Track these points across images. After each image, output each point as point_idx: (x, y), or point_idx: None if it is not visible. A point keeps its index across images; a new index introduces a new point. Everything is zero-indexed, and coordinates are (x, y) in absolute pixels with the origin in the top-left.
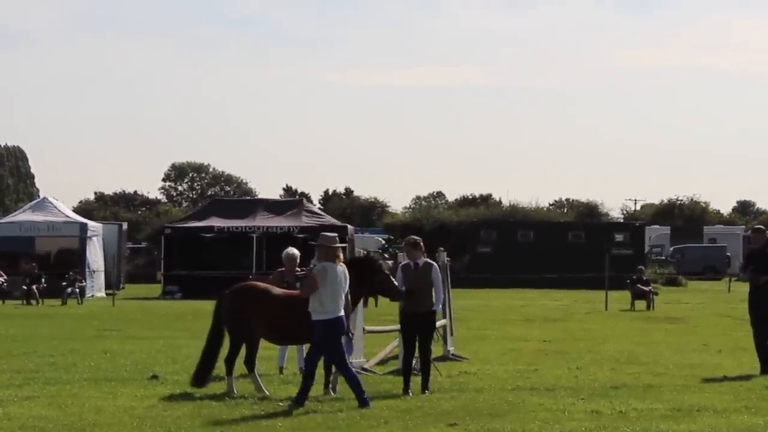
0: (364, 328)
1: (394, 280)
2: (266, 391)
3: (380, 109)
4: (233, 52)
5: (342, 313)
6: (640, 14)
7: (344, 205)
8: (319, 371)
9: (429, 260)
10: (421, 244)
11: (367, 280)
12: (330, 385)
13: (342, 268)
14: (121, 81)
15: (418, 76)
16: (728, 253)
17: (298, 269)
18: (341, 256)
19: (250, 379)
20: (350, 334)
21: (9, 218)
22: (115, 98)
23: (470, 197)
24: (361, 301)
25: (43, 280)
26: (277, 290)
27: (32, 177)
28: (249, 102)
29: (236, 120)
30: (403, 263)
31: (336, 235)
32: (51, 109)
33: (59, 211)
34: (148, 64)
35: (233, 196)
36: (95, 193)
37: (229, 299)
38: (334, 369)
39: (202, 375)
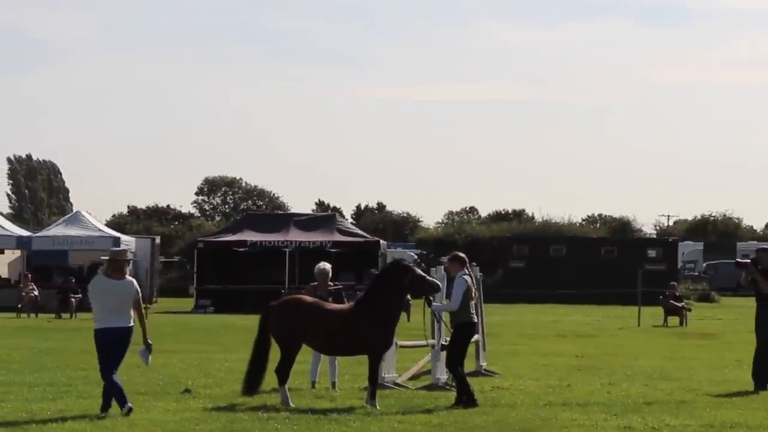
0: (396, 343)
1: (426, 278)
2: (292, 404)
3: (413, 124)
4: (266, 68)
5: (118, 324)
6: (671, 30)
7: (377, 220)
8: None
9: (464, 274)
10: (459, 259)
11: (400, 282)
12: (372, 397)
13: (123, 281)
14: (155, 95)
15: (450, 91)
16: None
17: (331, 284)
18: (123, 269)
19: (279, 390)
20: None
21: (43, 232)
22: (148, 113)
23: (503, 212)
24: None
25: (79, 292)
26: (327, 304)
27: (66, 191)
28: (282, 117)
29: (269, 135)
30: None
31: (122, 249)
32: (84, 123)
33: (92, 225)
34: (181, 79)
35: (266, 211)
36: (128, 207)
37: (282, 311)
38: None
39: (253, 383)
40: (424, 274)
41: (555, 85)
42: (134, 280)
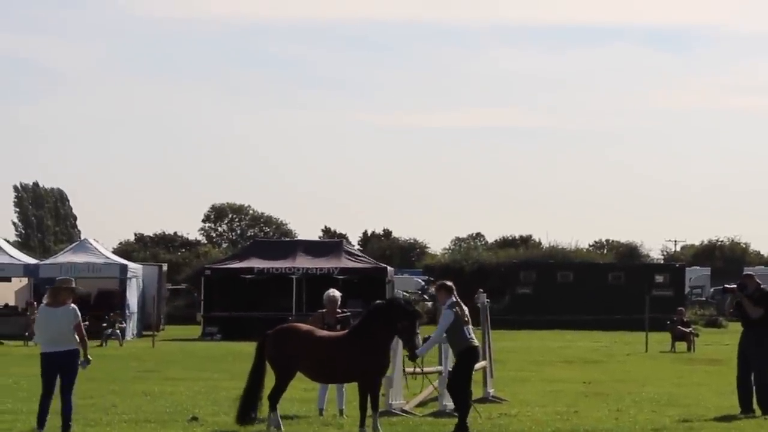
0: (404, 370)
1: (418, 332)
2: (282, 429)
3: (419, 150)
4: (272, 94)
5: (60, 349)
6: (677, 55)
7: (383, 247)
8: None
9: (450, 303)
10: (445, 288)
11: (393, 323)
12: (374, 425)
13: (62, 309)
14: (161, 123)
15: (457, 117)
16: None
17: (339, 311)
18: (61, 297)
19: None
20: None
21: (50, 260)
22: (155, 140)
23: (510, 238)
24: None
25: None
26: (321, 332)
27: (73, 219)
28: (288, 143)
29: (275, 161)
30: None
31: (65, 278)
32: (91, 150)
33: (99, 252)
34: (188, 106)
35: (272, 238)
36: (135, 235)
37: (276, 339)
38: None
39: (246, 412)
40: (417, 331)
41: (561, 111)
42: (74, 306)
